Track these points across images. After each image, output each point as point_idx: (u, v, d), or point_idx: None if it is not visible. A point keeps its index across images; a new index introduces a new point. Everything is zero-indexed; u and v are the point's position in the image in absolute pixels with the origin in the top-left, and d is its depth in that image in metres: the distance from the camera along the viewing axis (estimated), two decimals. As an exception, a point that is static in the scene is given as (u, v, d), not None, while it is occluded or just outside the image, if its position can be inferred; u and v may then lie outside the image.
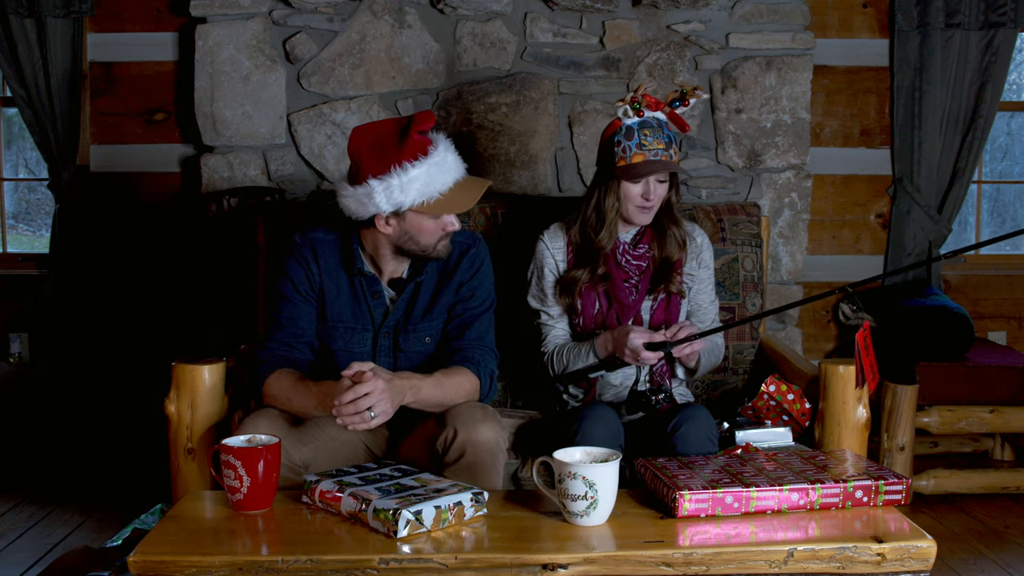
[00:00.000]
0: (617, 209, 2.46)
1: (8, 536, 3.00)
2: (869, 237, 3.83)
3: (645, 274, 2.51)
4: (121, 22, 3.61)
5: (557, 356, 2.50)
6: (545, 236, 2.57)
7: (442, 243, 2.21)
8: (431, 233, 2.17)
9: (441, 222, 2.16)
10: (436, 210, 2.12)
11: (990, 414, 3.30)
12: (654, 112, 2.41)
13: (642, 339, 2.31)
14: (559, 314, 2.54)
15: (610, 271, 2.48)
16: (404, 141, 2.09)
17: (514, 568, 1.65)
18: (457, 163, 2.16)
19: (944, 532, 3.07)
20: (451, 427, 2.06)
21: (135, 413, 3.58)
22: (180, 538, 1.74)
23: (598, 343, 2.41)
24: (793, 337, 3.54)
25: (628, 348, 2.31)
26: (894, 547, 1.70)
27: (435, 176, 2.10)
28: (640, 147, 2.37)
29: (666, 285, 2.50)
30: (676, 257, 2.51)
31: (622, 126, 2.40)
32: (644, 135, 2.37)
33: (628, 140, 2.38)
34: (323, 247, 2.28)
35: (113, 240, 3.70)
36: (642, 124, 2.39)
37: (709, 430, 2.25)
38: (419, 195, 2.09)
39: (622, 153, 2.39)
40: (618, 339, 2.35)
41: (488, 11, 3.37)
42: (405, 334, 2.27)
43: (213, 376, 2.26)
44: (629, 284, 2.50)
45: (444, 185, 2.12)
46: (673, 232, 2.51)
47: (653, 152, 2.37)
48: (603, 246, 2.47)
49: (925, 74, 3.65)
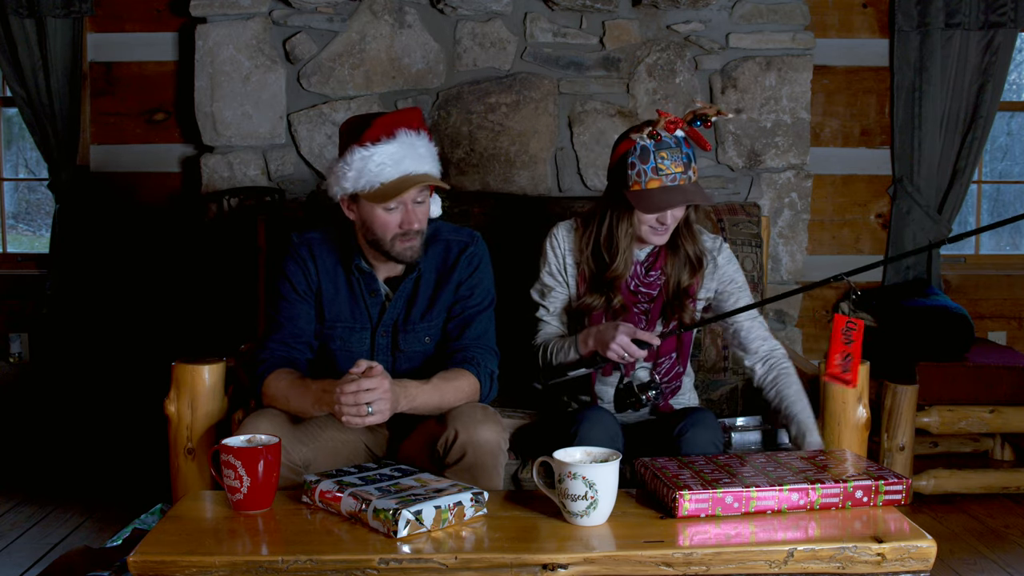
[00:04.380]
0: (631, 235, 2.32)
1: (8, 536, 3.00)
2: (869, 237, 3.83)
3: (656, 301, 2.39)
4: (121, 22, 3.61)
5: (544, 349, 2.43)
6: (558, 234, 2.45)
7: (400, 243, 2.16)
8: (383, 226, 2.14)
9: (393, 217, 2.13)
10: (371, 199, 2.11)
11: (990, 414, 3.30)
12: (675, 132, 2.24)
13: (628, 336, 2.22)
14: (557, 311, 2.50)
15: (624, 300, 2.37)
16: (369, 125, 2.11)
17: (514, 568, 1.65)
18: (416, 162, 2.12)
19: (944, 532, 3.06)
20: (452, 428, 2.06)
21: (135, 413, 3.58)
22: (180, 538, 1.74)
23: (579, 338, 2.32)
24: (793, 337, 3.54)
25: (615, 343, 2.21)
26: (894, 547, 1.70)
27: (383, 165, 2.09)
28: (656, 171, 2.20)
29: (679, 315, 2.37)
30: (688, 283, 2.37)
31: (636, 145, 2.23)
32: (661, 157, 2.20)
33: (643, 163, 2.22)
34: (320, 246, 2.28)
35: (113, 240, 3.70)
36: (659, 145, 2.22)
37: (715, 434, 2.23)
38: (360, 177, 2.10)
39: (636, 177, 2.23)
40: (602, 335, 2.25)
41: (488, 11, 3.37)
42: (404, 334, 2.27)
43: (213, 376, 2.26)
44: (639, 310, 2.40)
45: (388, 176, 2.09)
46: (688, 252, 2.37)
47: (671, 177, 2.21)
48: (619, 274, 2.34)
49: (925, 74, 3.65)
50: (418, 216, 2.16)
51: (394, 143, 2.11)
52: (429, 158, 2.17)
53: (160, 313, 3.68)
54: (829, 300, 3.83)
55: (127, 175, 3.67)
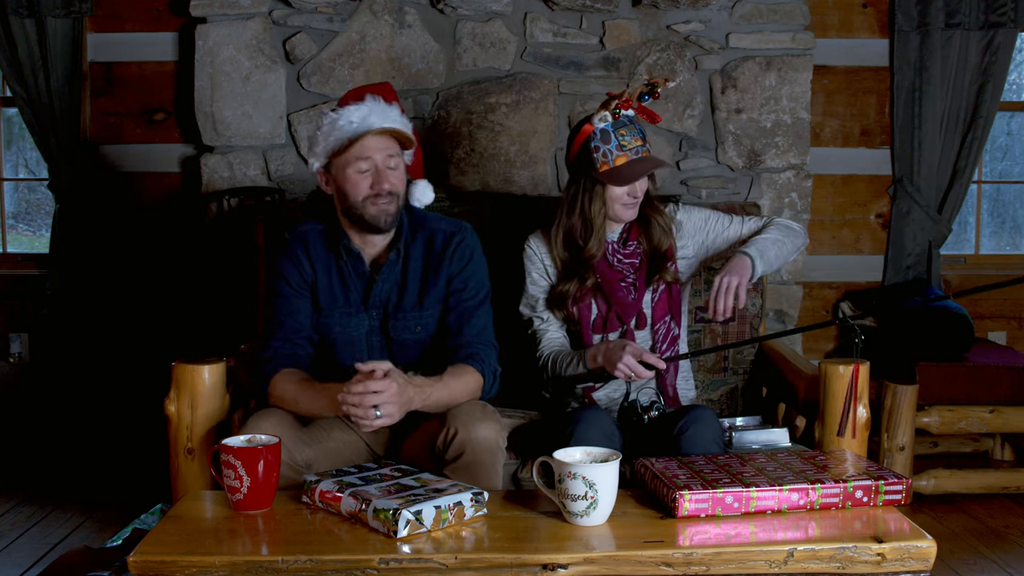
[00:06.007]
0: (604, 213, 2.44)
1: (8, 536, 3.00)
2: (869, 237, 3.83)
3: (640, 270, 2.51)
4: (121, 22, 3.61)
5: (551, 362, 2.50)
6: (532, 243, 2.57)
7: (373, 205, 2.18)
8: (354, 186, 2.18)
9: (364, 178, 2.17)
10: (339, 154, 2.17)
11: (990, 414, 3.30)
12: (626, 111, 2.39)
13: (635, 357, 2.30)
14: (552, 318, 2.54)
15: (604, 275, 2.47)
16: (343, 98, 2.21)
17: (514, 568, 1.65)
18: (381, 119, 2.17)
19: (944, 532, 3.06)
20: (451, 426, 2.06)
21: (135, 413, 3.58)
22: (180, 538, 1.74)
23: (588, 355, 2.41)
24: (793, 337, 3.54)
25: (622, 364, 2.29)
26: (894, 547, 1.69)
27: (350, 123, 2.15)
28: (620, 148, 2.36)
29: (661, 275, 2.50)
30: (666, 245, 2.51)
31: (595, 130, 2.38)
32: (621, 135, 2.36)
33: (606, 144, 2.36)
34: (311, 237, 2.31)
35: (113, 240, 3.70)
36: (616, 125, 2.37)
37: (716, 432, 2.25)
38: (329, 137, 2.17)
39: (603, 158, 2.37)
40: (610, 354, 2.34)
41: (488, 11, 3.37)
42: (395, 320, 2.27)
43: (213, 376, 2.26)
44: (626, 283, 2.50)
45: (354, 131, 2.15)
46: (657, 220, 2.51)
47: (633, 151, 2.37)
48: (593, 254, 2.46)
49: (925, 74, 3.65)
50: (389, 178, 2.18)
51: (362, 105, 2.18)
52: (399, 121, 2.22)
53: (160, 313, 3.68)
54: (829, 300, 3.83)
55: (127, 175, 3.67)
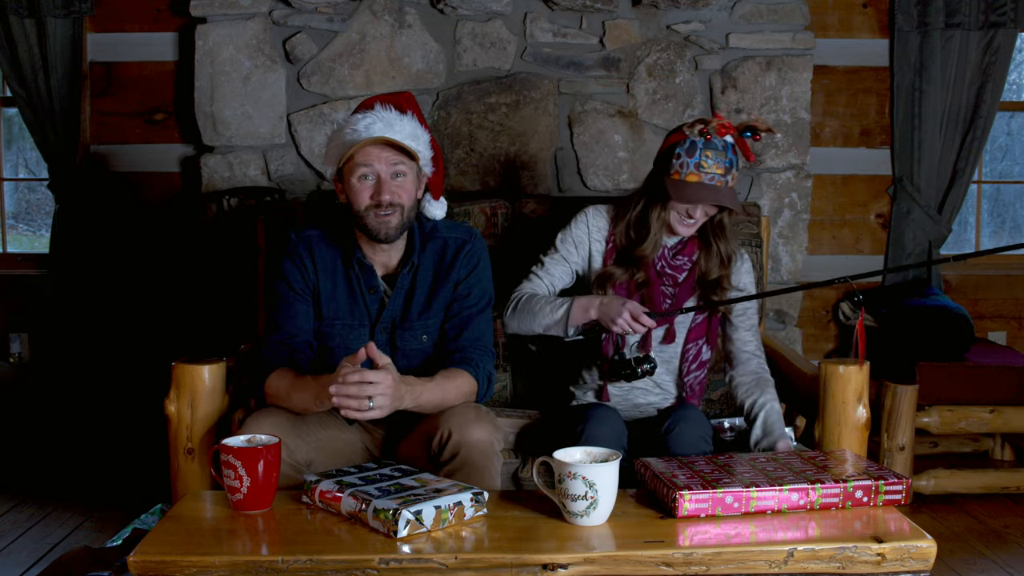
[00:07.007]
0: (662, 221, 2.38)
1: (8, 536, 3.00)
2: (869, 237, 3.83)
3: (683, 285, 2.44)
4: (121, 22, 3.61)
5: (524, 302, 2.44)
6: (589, 212, 2.51)
7: (375, 216, 2.16)
8: (357, 195, 2.17)
9: (365, 187, 2.16)
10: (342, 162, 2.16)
11: (990, 414, 3.30)
12: (724, 137, 2.31)
13: (632, 316, 2.28)
14: (552, 278, 2.50)
15: (649, 277, 2.43)
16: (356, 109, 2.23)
17: (514, 568, 1.65)
18: (386, 129, 2.14)
19: (944, 532, 3.07)
20: (445, 427, 2.06)
21: (135, 413, 3.58)
22: (180, 538, 1.74)
23: (578, 304, 2.36)
24: (793, 337, 3.54)
25: (621, 319, 2.27)
26: (894, 547, 1.70)
27: (356, 132, 2.14)
28: (698, 168, 2.27)
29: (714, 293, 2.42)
30: (715, 275, 2.43)
31: (687, 139, 2.30)
32: (706, 156, 2.27)
33: (688, 156, 2.28)
34: (319, 243, 2.28)
35: (113, 240, 3.70)
36: (707, 144, 2.29)
37: (703, 430, 2.25)
38: (337, 148, 2.18)
39: (679, 167, 2.29)
40: (607, 308, 2.30)
41: (488, 11, 3.37)
42: (401, 331, 2.26)
43: (213, 376, 2.26)
44: (664, 292, 2.44)
45: (356, 139, 2.14)
46: (719, 248, 2.43)
47: (710, 176, 2.27)
48: (646, 254, 2.40)
49: (925, 74, 3.65)
50: (391, 189, 2.16)
51: (369, 113, 2.17)
52: (405, 132, 2.18)
53: (160, 313, 3.68)
54: (829, 300, 3.83)
55: (127, 175, 3.67)
